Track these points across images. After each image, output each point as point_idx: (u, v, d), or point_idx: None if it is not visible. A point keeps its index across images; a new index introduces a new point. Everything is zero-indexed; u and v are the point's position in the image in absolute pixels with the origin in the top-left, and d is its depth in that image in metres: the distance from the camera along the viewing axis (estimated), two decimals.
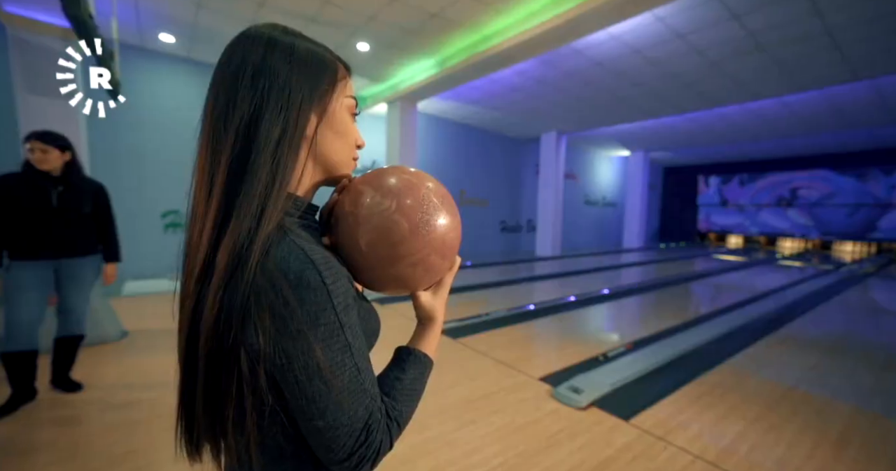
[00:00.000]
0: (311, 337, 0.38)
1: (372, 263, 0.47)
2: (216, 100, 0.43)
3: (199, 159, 0.43)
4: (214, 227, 0.40)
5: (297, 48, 0.44)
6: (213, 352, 0.39)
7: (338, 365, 0.39)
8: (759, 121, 7.76)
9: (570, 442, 1.78)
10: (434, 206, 0.48)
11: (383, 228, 0.45)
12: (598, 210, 12.56)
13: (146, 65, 4.96)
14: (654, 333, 3.37)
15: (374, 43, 4.67)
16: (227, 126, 0.41)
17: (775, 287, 5.80)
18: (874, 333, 3.75)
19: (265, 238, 0.39)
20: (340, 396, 0.39)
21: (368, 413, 0.41)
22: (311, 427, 0.40)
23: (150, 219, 5.16)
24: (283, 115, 0.41)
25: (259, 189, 0.40)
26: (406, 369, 0.49)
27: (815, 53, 4.48)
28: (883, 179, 10.93)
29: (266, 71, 0.42)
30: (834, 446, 1.80)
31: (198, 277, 0.41)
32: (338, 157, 0.48)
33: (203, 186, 0.42)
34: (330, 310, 0.39)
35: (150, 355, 2.67)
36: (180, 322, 0.44)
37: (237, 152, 0.41)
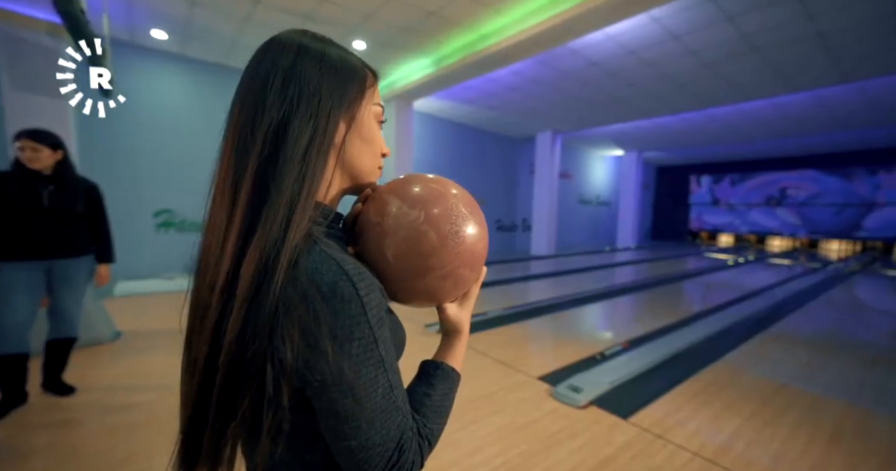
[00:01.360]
0: (344, 352, 0.36)
1: (399, 274, 0.45)
2: (243, 105, 0.41)
3: (222, 165, 0.42)
4: (239, 236, 0.39)
5: (328, 55, 0.44)
6: (235, 367, 0.37)
7: (371, 382, 0.38)
8: (751, 121, 7.87)
9: (570, 441, 1.79)
10: (463, 216, 0.47)
11: (412, 240, 0.44)
12: (593, 209, 12.66)
13: (138, 62, 4.86)
14: (649, 331, 3.41)
15: (370, 41, 4.64)
16: (254, 132, 0.40)
17: (766, 285, 5.90)
18: (861, 330, 3.84)
19: (293, 248, 0.38)
20: (373, 414, 0.38)
21: (401, 432, 0.39)
22: (343, 447, 0.38)
23: (142, 218, 5.08)
24: (312, 122, 0.40)
25: (287, 197, 0.38)
26: (435, 384, 0.47)
27: (806, 56, 4.56)
28: (867, 179, 11.17)
29: (296, 77, 0.41)
30: (827, 440, 1.84)
31: (222, 289, 0.39)
32: (364, 165, 0.47)
33: (226, 194, 0.40)
34: (364, 324, 0.37)
35: (144, 356, 2.63)
36: (193, 335, 0.42)
37: (264, 159, 0.39)
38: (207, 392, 0.40)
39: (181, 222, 5.36)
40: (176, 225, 5.32)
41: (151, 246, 5.14)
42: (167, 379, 2.31)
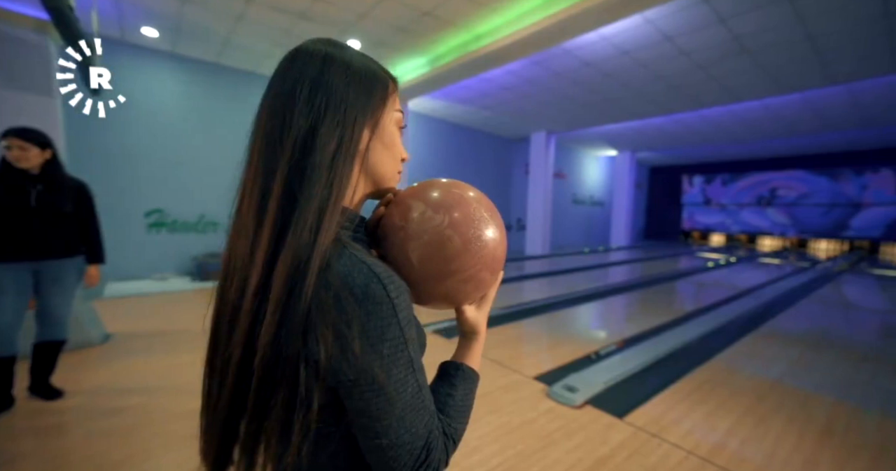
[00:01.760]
0: (376, 353, 0.38)
1: (423, 277, 0.46)
2: (271, 112, 0.42)
3: (249, 170, 0.43)
4: (270, 241, 0.39)
5: (353, 64, 0.45)
6: (270, 369, 0.38)
7: (401, 382, 0.39)
8: (742, 122, 7.97)
9: (566, 441, 1.79)
10: (485, 220, 0.48)
11: (436, 244, 0.45)
12: (587, 209, 12.73)
13: (128, 60, 4.79)
14: (643, 330, 3.44)
15: (365, 41, 4.62)
16: (282, 139, 0.41)
17: (757, 284, 5.98)
18: (850, 328, 3.90)
19: (323, 252, 0.39)
20: (403, 413, 0.39)
21: (428, 431, 0.41)
22: (374, 445, 0.39)
23: (133, 218, 5.00)
24: (338, 129, 0.41)
25: (316, 203, 0.39)
26: (456, 384, 0.48)
27: (796, 58, 4.63)
28: (854, 180, 11.38)
29: (323, 86, 0.42)
30: (818, 437, 1.87)
31: (254, 292, 0.39)
32: (386, 170, 0.49)
33: (254, 199, 0.41)
34: (395, 325, 0.39)
35: (136, 358, 2.59)
36: (219, 338, 0.44)
37: (293, 166, 0.40)
38: (242, 394, 0.41)
39: (173, 223, 5.29)
40: (167, 225, 5.24)
41: (142, 246, 5.07)
42: (160, 381, 2.28)
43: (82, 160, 4.38)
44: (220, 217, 5.71)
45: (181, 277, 5.26)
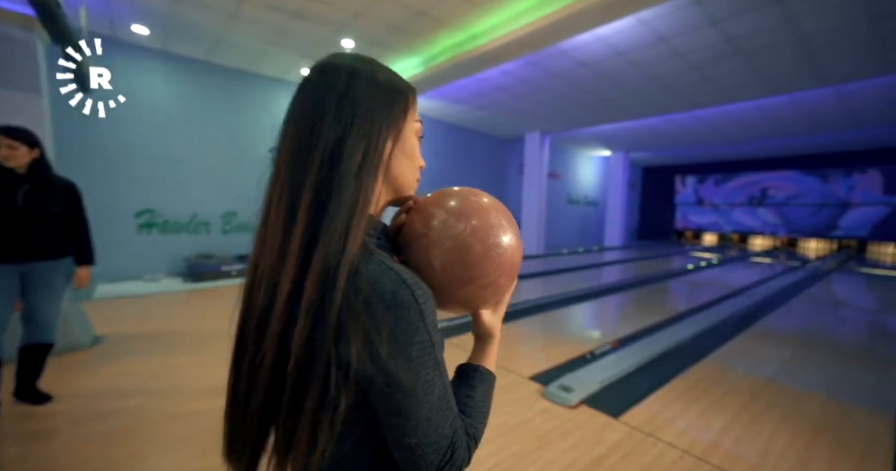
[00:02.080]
0: (405, 356, 0.40)
1: (444, 283, 0.47)
2: (299, 124, 0.44)
3: (277, 182, 0.44)
4: (301, 248, 0.41)
5: (378, 77, 0.46)
6: (303, 371, 0.40)
7: (429, 383, 0.41)
8: (735, 123, 8.06)
9: (562, 441, 1.79)
10: (503, 227, 0.49)
11: (458, 251, 0.47)
12: (581, 209, 12.79)
13: (118, 57, 4.71)
14: (638, 330, 3.45)
15: (359, 40, 4.59)
16: (311, 151, 0.42)
17: (749, 283, 6.05)
18: (840, 327, 3.96)
19: (352, 259, 0.40)
20: (430, 413, 0.41)
21: (453, 431, 0.43)
22: (402, 444, 0.41)
23: (122, 219, 4.92)
24: (364, 141, 0.43)
25: (345, 212, 0.41)
26: (475, 386, 0.50)
27: (787, 59, 4.68)
28: (843, 180, 11.56)
29: (350, 99, 0.43)
30: (810, 435, 1.89)
31: (287, 298, 0.41)
32: (407, 178, 0.50)
33: (282, 208, 0.43)
34: (423, 329, 0.41)
35: (126, 360, 2.54)
36: (247, 342, 0.45)
37: (322, 177, 0.41)
38: (272, 396, 0.43)
39: (164, 223, 5.22)
40: (159, 226, 5.17)
41: (133, 247, 4.99)
42: (153, 383, 2.25)
43: (71, 160, 4.31)
44: (213, 217, 5.64)
45: (173, 278, 5.19)
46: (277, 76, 6.05)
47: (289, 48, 4.92)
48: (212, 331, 3.22)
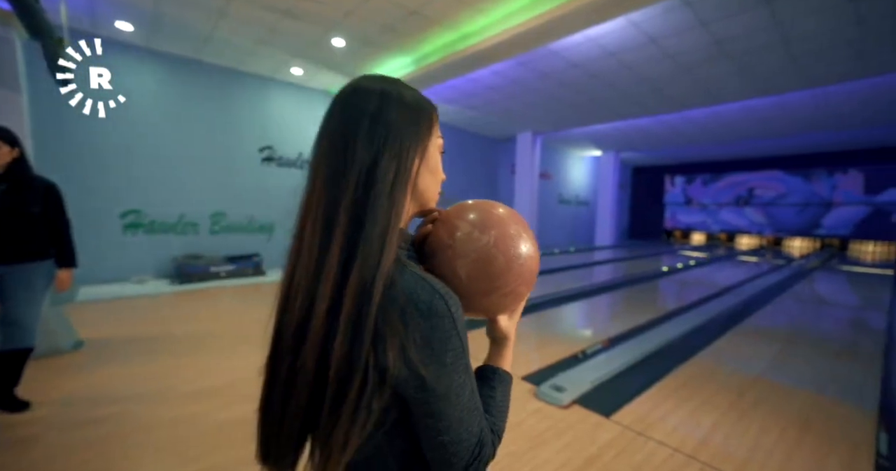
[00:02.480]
0: (439, 362, 0.43)
1: (469, 292, 0.50)
2: (333, 144, 0.46)
3: (312, 199, 0.46)
4: (339, 263, 0.43)
5: (405, 98, 0.49)
6: (343, 379, 0.42)
7: (461, 386, 0.44)
8: (723, 124, 8.19)
9: (555, 441, 1.80)
10: (523, 238, 0.53)
11: (483, 262, 0.50)
12: (572, 209, 12.88)
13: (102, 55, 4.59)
14: (629, 329, 3.48)
15: (350, 39, 4.55)
16: (346, 171, 0.44)
17: (737, 282, 6.15)
18: (824, 323, 4.05)
19: (388, 272, 0.43)
20: (462, 413, 0.44)
21: (480, 429, 0.46)
22: (436, 443, 0.44)
23: (107, 219, 4.80)
24: (396, 160, 0.46)
25: (379, 229, 0.43)
26: (495, 386, 0.53)
27: (773, 62, 4.77)
28: (826, 180, 11.84)
29: (382, 121, 0.46)
30: (798, 430, 1.92)
31: (326, 311, 0.43)
32: (430, 192, 0.53)
33: (318, 224, 0.45)
34: (455, 336, 0.44)
35: (110, 365, 2.48)
36: (283, 352, 0.47)
37: (358, 196, 0.44)
38: (317, 401, 0.45)
39: (151, 223, 5.11)
40: (145, 226, 5.06)
41: (118, 249, 4.88)
42: (137, 388, 2.19)
43: (52, 159, 4.19)
44: (201, 218, 5.54)
45: (160, 279, 5.09)
46: (268, 75, 5.97)
47: (279, 47, 4.86)
48: (200, 333, 3.16)
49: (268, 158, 6.17)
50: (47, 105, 4.16)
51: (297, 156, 6.50)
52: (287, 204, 6.51)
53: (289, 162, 6.43)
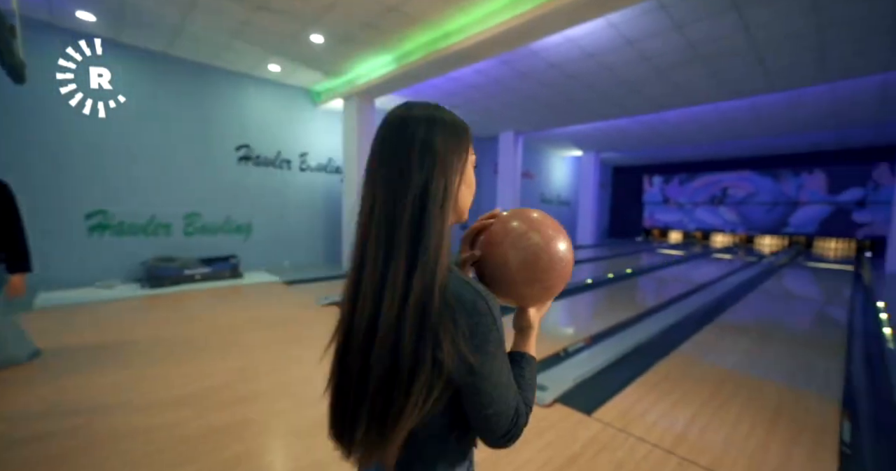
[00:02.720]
0: (483, 351, 0.52)
1: (514, 280, 0.61)
2: (388, 166, 0.53)
3: (374, 215, 0.53)
4: (404, 273, 0.51)
5: (448, 123, 0.56)
6: (411, 371, 0.50)
7: (500, 369, 0.54)
8: (696, 125, 8.45)
9: (537, 440, 1.79)
10: (567, 247, 0.63)
11: (532, 257, 0.60)
12: (554, 208, 13.05)
13: (61, 46, 4.34)
14: (610, 326, 3.54)
15: (328, 35, 4.46)
16: (405, 192, 0.52)
17: (712, 279, 6.35)
18: (791, 317, 4.22)
19: (443, 278, 0.51)
20: (502, 390, 0.54)
21: (516, 402, 0.56)
22: (483, 415, 0.54)
23: (71, 221, 4.55)
24: (443, 180, 0.53)
25: (435, 241, 0.51)
26: (524, 367, 0.63)
27: (742, 65, 4.94)
28: (792, 180, 12.39)
29: (431, 146, 0.53)
30: (768, 421, 1.98)
31: (398, 315, 0.51)
32: (466, 204, 0.60)
33: (381, 239, 0.53)
34: (495, 330, 0.53)
35: (71, 375, 2.34)
36: (350, 351, 0.55)
37: (415, 214, 0.52)
38: (384, 389, 0.52)
39: (119, 225, 4.87)
40: (112, 228, 4.82)
41: (83, 252, 4.63)
42: (100, 399, 2.07)
43: (8, 158, 3.94)
44: (174, 218, 5.33)
45: (129, 284, 4.86)
46: (244, 71, 5.79)
47: (255, 43, 4.71)
48: (173, 339, 3.03)
49: (245, 157, 5.99)
50: (1, 100, 3.91)
51: (275, 155, 6.34)
52: (265, 204, 6.34)
53: (267, 161, 6.25)
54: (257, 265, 6.18)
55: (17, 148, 4.15)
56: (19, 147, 4.17)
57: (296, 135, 6.58)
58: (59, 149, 4.43)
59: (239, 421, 1.91)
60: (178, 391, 2.19)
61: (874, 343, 3.27)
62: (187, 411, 1.99)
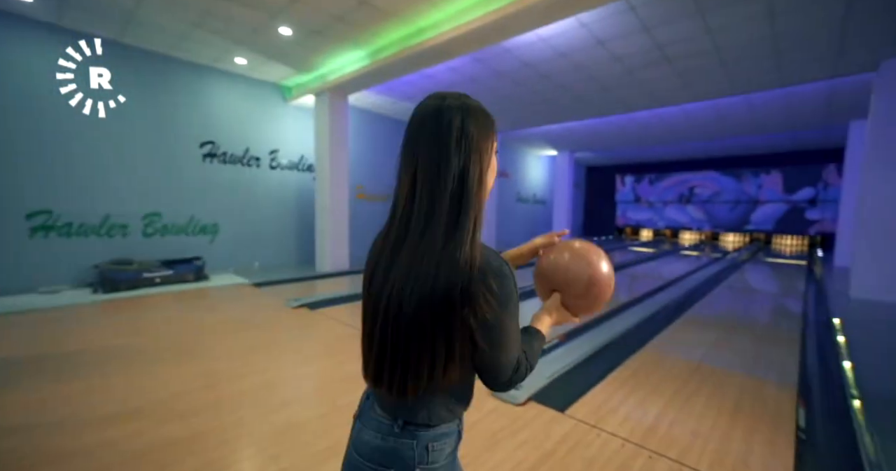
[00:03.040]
0: (505, 306, 0.60)
1: (565, 287, 0.80)
2: (427, 152, 0.60)
3: (414, 195, 0.61)
4: (443, 241, 0.59)
5: (480, 111, 0.64)
6: (446, 327, 0.59)
7: (515, 324, 0.63)
8: (664, 126, 8.75)
9: (511, 439, 1.77)
10: (607, 270, 0.80)
11: (579, 276, 0.78)
12: (530, 207, 13.22)
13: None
14: (584, 322, 3.57)
15: (297, 28, 4.30)
16: (444, 175, 0.59)
17: (680, 274, 6.59)
18: (753, 310, 4.41)
19: (479, 246, 0.61)
20: (513, 342, 0.63)
21: (519, 354, 0.65)
22: (492, 362, 0.62)
23: (10, 222, 4.18)
24: (478, 165, 0.61)
25: (472, 217, 0.60)
26: (533, 336, 0.73)
27: (707, 68, 5.13)
28: (753, 180, 13.07)
29: (467, 134, 0.60)
30: (731, 412, 2.04)
31: (433, 281, 0.58)
32: (490, 186, 0.66)
33: (423, 214, 0.60)
34: (515, 291, 0.62)
35: (4, 390, 2.12)
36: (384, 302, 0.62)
37: (453, 195, 0.59)
38: (417, 345, 0.60)
39: (66, 226, 4.52)
40: (58, 229, 4.47)
41: (24, 255, 4.26)
42: (40, 416, 1.89)
43: None
44: (131, 219, 5.01)
45: (78, 289, 4.52)
46: (208, 64, 5.51)
47: (219, 33, 4.49)
48: (127, 347, 2.82)
49: (210, 154, 5.71)
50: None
51: (243, 152, 6.08)
52: (233, 203, 6.06)
53: (235, 158, 5.99)
54: (225, 267, 5.91)
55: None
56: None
57: (265, 131, 6.34)
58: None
59: (196, 433, 1.79)
60: (131, 403, 2.03)
61: (825, 333, 3.46)
62: (139, 424, 1.85)
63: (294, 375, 2.47)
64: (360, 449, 0.67)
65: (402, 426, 0.65)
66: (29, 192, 4.28)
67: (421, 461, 0.64)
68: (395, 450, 0.64)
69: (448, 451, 0.67)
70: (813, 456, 1.70)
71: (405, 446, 0.64)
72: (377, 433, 0.66)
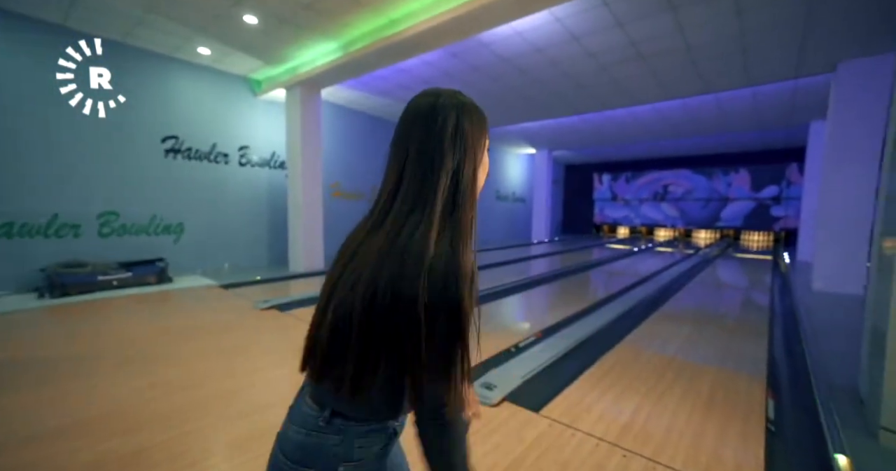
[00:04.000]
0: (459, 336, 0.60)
1: None
2: (420, 149, 0.60)
3: (402, 188, 0.60)
4: (433, 238, 0.57)
5: (473, 111, 0.64)
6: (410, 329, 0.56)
7: (464, 348, 0.62)
8: (638, 124, 8.91)
9: (483, 443, 1.69)
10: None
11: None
12: (509, 205, 13.26)
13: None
14: (560, 319, 3.55)
15: (263, 16, 4.09)
16: (439, 172, 0.59)
17: (655, 270, 6.71)
18: (723, 304, 4.52)
19: (471, 248, 0.60)
20: (454, 366, 0.60)
21: (454, 390, 0.61)
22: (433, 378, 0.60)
23: None
24: (472, 163, 0.62)
25: (469, 215, 0.61)
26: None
27: (678, 66, 5.22)
28: (722, 178, 13.55)
29: (462, 132, 0.61)
30: (704, 406, 2.02)
31: (417, 273, 0.55)
32: (482, 183, 0.66)
33: (406, 209, 0.59)
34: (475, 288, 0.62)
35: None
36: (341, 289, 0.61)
37: (451, 190, 0.60)
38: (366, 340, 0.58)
39: (6, 225, 4.16)
40: (18, 235, 4.11)
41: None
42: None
43: None
44: (84, 218, 4.67)
45: (23, 294, 4.18)
46: (168, 54, 5.20)
47: (177, 19, 4.22)
48: (70, 356, 2.59)
49: (173, 150, 5.40)
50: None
51: (210, 148, 5.79)
52: (199, 201, 5.76)
53: (201, 155, 5.70)
54: (192, 269, 5.62)
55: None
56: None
57: (234, 127, 6.06)
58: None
59: (143, 448, 1.63)
60: (74, 417, 1.85)
61: (791, 325, 3.56)
62: (84, 438, 1.67)
63: (258, 379, 2.32)
64: (284, 446, 0.62)
65: (328, 419, 0.60)
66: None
67: (347, 459, 0.59)
68: (319, 446, 0.59)
69: (377, 449, 0.61)
70: (783, 447, 1.70)
71: (329, 441, 0.59)
72: (301, 428, 0.61)
